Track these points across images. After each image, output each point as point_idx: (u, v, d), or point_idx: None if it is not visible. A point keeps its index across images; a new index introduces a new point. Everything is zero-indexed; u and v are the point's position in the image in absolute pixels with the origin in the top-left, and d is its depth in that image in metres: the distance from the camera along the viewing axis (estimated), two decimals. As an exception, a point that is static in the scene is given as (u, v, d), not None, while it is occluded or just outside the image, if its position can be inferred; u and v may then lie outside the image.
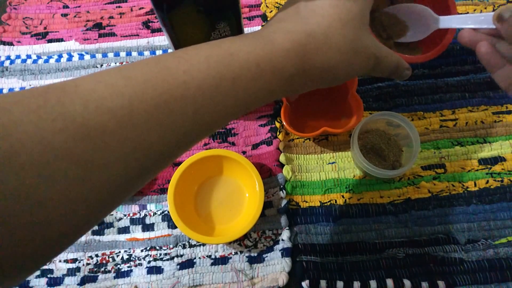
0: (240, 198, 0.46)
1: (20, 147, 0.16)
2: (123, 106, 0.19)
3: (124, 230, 0.46)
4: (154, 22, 0.58)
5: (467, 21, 0.36)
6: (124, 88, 0.20)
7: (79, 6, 0.59)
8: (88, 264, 0.45)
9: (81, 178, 0.18)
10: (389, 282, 0.41)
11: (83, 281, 0.44)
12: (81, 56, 0.56)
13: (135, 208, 0.47)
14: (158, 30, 0.57)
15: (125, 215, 0.47)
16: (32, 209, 0.17)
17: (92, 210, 0.19)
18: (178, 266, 0.44)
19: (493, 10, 0.54)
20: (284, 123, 0.45)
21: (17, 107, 0.17)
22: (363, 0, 0.28)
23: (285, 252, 0.43)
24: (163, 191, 0.48)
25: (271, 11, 0.57)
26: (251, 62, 0.24)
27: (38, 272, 0.45)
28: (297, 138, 0.49)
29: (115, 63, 0.55)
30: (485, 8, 0.54)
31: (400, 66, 0.32)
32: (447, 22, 0.39)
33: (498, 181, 0.45)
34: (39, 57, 0.56)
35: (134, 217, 0.47)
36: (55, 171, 0.17)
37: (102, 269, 0.45)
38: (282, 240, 0.44)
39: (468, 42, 0.35)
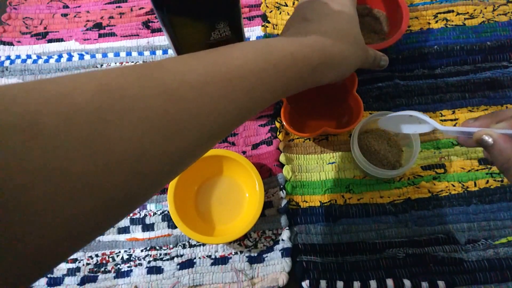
0: (240, 198, 0.46)
1: (133, 102, 0.20)
2: (199, 80, 0.24)
3: (124, 230, 0.46)
4: (154, 22, 0.58)
5: (451, 132, 0.33)
6: (198, 66, 0.24)
7: (79, 6, 0.59)
8: (88, 264, 0.45)
9: (171, 136, 0.21)
10: (389, 282, 0.41)
11: (83, 281, 0.44)
12: (81, 56, 0.56)
13: (135, 208, 0.47)
14: (158, 30, 0.57)
15: (125, 215, 0.47)
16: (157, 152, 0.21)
17: (175, 165, 0.23)
18: (178, 266, 0.44)
19: (493, 10, 0.54)
20: (284, 123, 0.45)
21: (123, 78, 0.21)
22: (354, 6, 0.37)
23: (285, 252, 0.43)
24: (163, 191, 0.48)
25: (271, 11, 0.57)
26: (287, 52, 0.29)
27: (38, 272, 0.45)
28: (297, 138, 0.49)
29: (115, 63, 0.55)
30: (485, 8, 0.54)
31: (377, 56, 0.40)
32: (432, 125, 0.36)
33: (498, 181, 0.45)
34: (39, 57, 0.56)
35: (134, 217, 0.47)
36: (156, 126, 0.21)
37: (102, 269, 0.45)
38: (282, 240, 0.44)
39: (473, 144, 0.32)
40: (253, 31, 0.56)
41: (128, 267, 0.45)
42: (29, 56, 0.56)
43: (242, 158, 0.44)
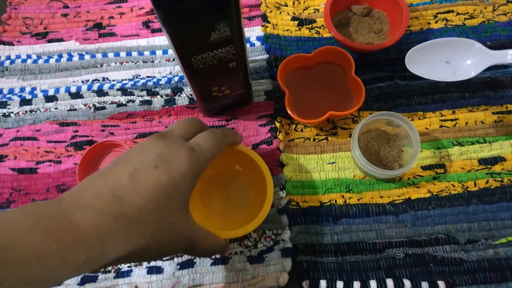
0: (250, 192, 0.45)
1: None
2: None
3: (124, 230, 0.46)
4: (154, 22, 0.58)
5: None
6: None
7: (79, 6, 0.59)
8: (88, 264, 0.45)
9: None
10: (389, 282, 0.41)
11: (83, 281, 0.44)
12: (81, 56, 0.56)
13: (135, 208, 0.47)
14: (158, 30, 0.57)
15: (125, 215, 0.47)
16: None
17: None
18: (178, 266, 0.44)
19: (493, 10, 0.54)
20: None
21: None
22: (185, 186, 0.28)
23: (285, 252, 0.43)
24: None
25: (271, 11, 0.57)
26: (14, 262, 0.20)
27: (38, 272, 0.45)
28: (297, 138, 0.49)
29: (115, 63, 0.55)
30: (485, 8, 0.54)
31: (216, 250, 0.33)
32: (499, 58, 0.36)
33: (498, 181, 0.45)
34: (39, 57, 0.56)
35: (134, 217, 0.47)
36: None
37: (102, 269, 0.45)
38: (282, 240, 0.44)
39: None
40: (253, 31, 0.56)
41: (128, 267, 0.45)
42: (29, 56, 0.56)
43: (250, 151, 0.42)
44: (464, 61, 0.34)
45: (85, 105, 0.52)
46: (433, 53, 0.36)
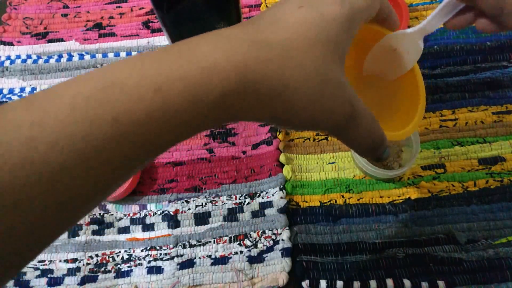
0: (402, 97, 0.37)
1: None
2: None
3: (124, 230, 0.46)
4: (154, 22, 0.58)
5: (441, 17, 0.33)
6: None
7: (79, 6, 0.59)
8: (88, 264, 0.45)
9: None
10: (389, 282, 0.41)
11: (83, 281, 0.44)
12: (81, 56, 0.56)
13: (135, 208, 0.47)
14: (158, 30, 0.57)
15: (125, 215, 0.47)
16: None
17: None
18: (178, 266, 0.44)
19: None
20: None
21: None
22: (339, 31, 0.21)
23: (285, 252, 0.43)
24: (163, 191, 0.48)
25: (271, 11, 0.57)
26: (145, 88, 0.16)
27: (38, 272, 0.45)
28: (297, 138, 0.49)
29: (115, 63, 0.55)
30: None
31: (375, 137, 0.24)
32: (424, 30, 0.35)
33: (498, 181, 0.45)
34: (39, 57, 0.56)
35: (134, 217, 0.47)
36: None
37: (102, 269, 0.45)
38: (282, 240, 0.44)
39: (460, 25, 0.32)
40: (253, 31, 0.56)
41: (128, 267, 0.45)
42: (29, 56, 0.56)
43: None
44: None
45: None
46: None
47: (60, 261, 0.45)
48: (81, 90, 0.16)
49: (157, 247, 0.45)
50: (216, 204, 0.47)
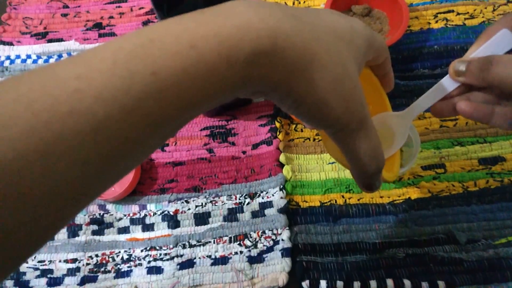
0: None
1: None
2: None
3: (124, 230, 0.46)
4: (154, 22, 0.58)
5: (430, 99, 0.34)
6: None
7: (79, 6, 0.59)
8: (88, 264, 0.45)
9: None
10: (389, 282, 0.41)
11: (83, 281, 0.44)
12: (81, 56, 0.56)
13: (135, 208, 0.47)
14: (158, 30, 0.57)
15: (125, 215, 0.47)
16: None
17: None
18: (178, 266, 0.44)
19: (493, 10, 0.54)
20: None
21: None
22: (360, 44, 0.22)
23: (285, 252, 0.43)
24: (163, 191, 0.48)
25: (271, 11, 0.56)
26: (182, 45, 0.17)
27: (38, 272, 0.45)
28: (297, 138, 0.49)
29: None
30: (485, 8, 0.54)
31: (382, 162, 0.24)
32: (413, 111, 0.35)
33: (498, 181, 0.45)
34: (39, 57, 0.56)
35: (134, 217, 0.47)
36: None
37: (102, 269, 0.45)
38: (282, 240, 0.44)
39: (446, 113, 0.33)
40: (253, 31, 0.56)
41: (128, 267, 0.45)
42: (29, 56, 0.56)
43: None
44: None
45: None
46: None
47: (60, 261, 0.45)
48: (122, 45, 0.17)
49: (157, 247, 0.45)
50: (216, 204, 0.47)
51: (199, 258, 0.44)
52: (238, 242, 0.45)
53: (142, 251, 0.45)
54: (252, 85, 0.19)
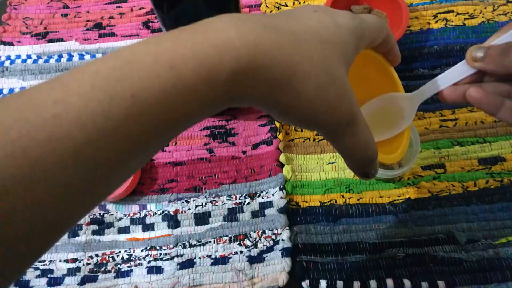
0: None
1: None
2: None
3: (124, 230, 0.46)
4: (154, 22, 0.58)
5: (441, 84, 0.33)
6: None
7: (79, 6, 0.59)
8: (88, 264, 0.45)
9: None
10: (389, 282, 0.41)
11: (83, 281, 0.44)
12: (81, 56, 0.56)
13: (135, 208, 0.47)
14: (158, 30, 0.57)
15: (125, 215, 0.47)
16: None
17: None
18: (178, 266, 0.44)
19: (493, 10, 0.54)
20: None
21: None
22: (348, 40, 0.22)
23: (285, 252, 0.43)
24: (163, 191, 0.48)
25: (271, 11, 0.57)
26: (161, 65, 0.17)
27: (38, 272, 0.45)
28: (297, 138, 0.49)
29: (115, 63, 0.55)
30: (485, 8, 0.54)
31: (375, 152, 0.24)
32: (422, 94, 0.35)
33: (498, 181, 0.45)
34: (39, 57, 0.56)
35: (134, 217, 0.47)
36: None
37: (102, 269, 0.45)
38: (282, 240, 0.44)
39: (454, 99, 0.32)
40: (253, 31, 0.56)
41: (128, 267, 0.45)
42: (29, 56, 0.56)
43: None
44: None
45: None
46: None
47: (60, 261, 0.45)
48: (100, 68, 0.17)
49: (157, 247, 0.45)
50: (216, 204, 0.47)
51: (199, 258, 0.44)
52: (238, 242, 0.45)
53: (142, 251, 0.45)
54: (237, 101, 0.20)
